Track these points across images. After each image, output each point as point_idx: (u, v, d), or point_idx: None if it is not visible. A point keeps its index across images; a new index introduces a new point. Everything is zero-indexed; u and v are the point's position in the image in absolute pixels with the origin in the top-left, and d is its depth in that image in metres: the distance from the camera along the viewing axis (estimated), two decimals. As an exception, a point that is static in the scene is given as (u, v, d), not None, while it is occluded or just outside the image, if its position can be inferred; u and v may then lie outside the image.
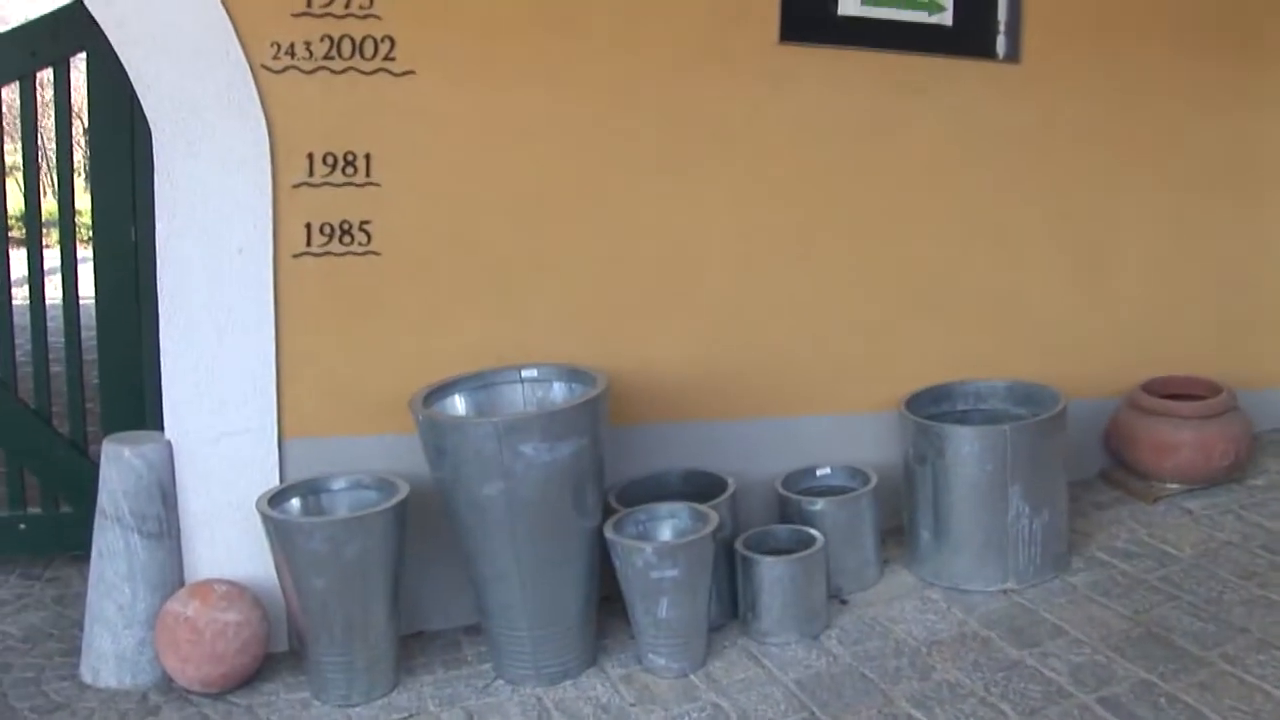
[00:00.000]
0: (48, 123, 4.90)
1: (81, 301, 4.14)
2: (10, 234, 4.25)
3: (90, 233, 4.09)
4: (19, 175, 4.80)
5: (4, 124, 4.16)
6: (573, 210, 3.87)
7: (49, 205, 6.96)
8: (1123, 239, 4.64)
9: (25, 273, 4.13)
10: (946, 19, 4.24)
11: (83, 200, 5.81)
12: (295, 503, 3.55)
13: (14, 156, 7.87)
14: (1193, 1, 4.63)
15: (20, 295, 4.20)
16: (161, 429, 3.65)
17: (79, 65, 4.02)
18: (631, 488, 3.84)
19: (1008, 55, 4.35)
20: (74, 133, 4.23)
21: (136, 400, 4.05)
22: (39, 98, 4.13)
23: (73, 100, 4.14)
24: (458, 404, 3.65)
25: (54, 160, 4.27)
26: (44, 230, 4.28)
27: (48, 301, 4.16)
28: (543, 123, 3.80)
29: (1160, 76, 4.58)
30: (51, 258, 4.24)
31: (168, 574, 3.61)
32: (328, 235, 3.63)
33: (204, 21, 3.45)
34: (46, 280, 4.17)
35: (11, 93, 4.10)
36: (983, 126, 4.35)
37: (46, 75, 4.04)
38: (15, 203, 5.23)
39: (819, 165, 4.13)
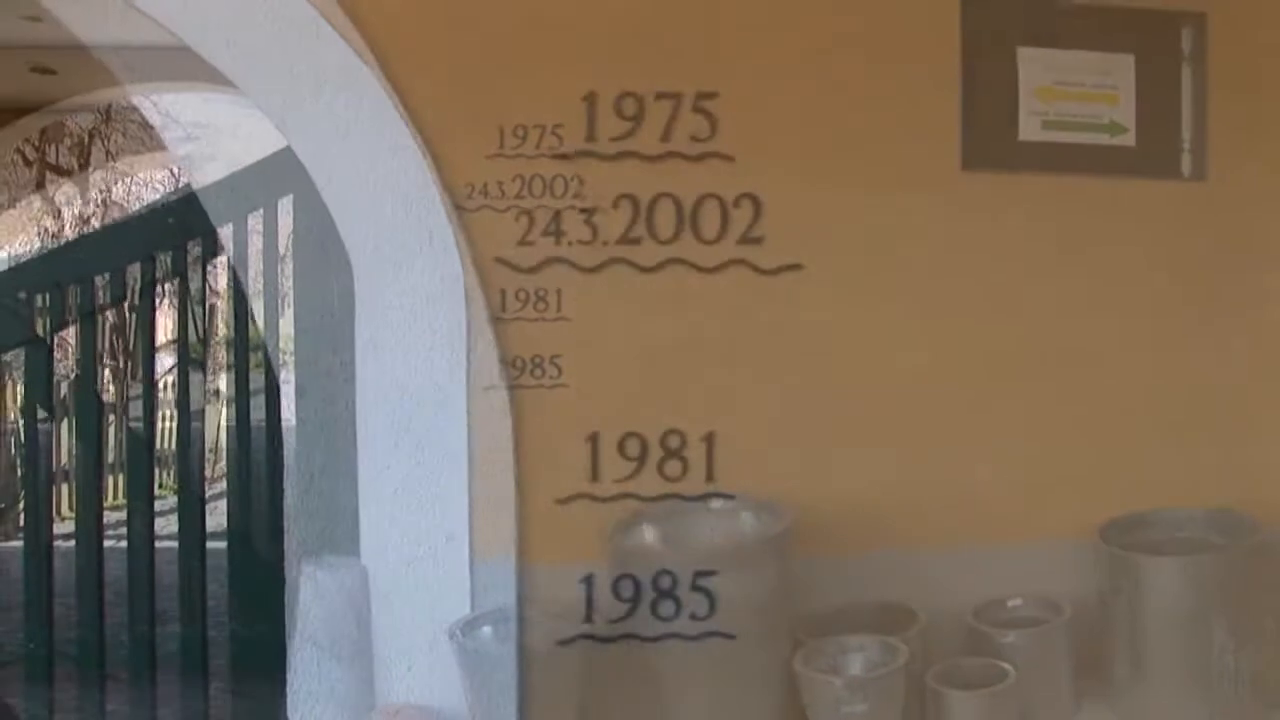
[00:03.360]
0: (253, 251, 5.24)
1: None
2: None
3: (293, 359, 4.29)
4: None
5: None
6: (754, 340, 3.89)
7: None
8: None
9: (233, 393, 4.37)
10: (1129, 140, 4.18)
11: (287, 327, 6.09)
12: (487, 630, 3.61)
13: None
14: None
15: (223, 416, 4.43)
16: (357, 553, 3.77)
17: (286, 206, 4.27)
18: (820, 620, 3.78)
19: (1193, 174, 4.27)
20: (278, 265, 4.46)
21: (332, 523, 4.19)
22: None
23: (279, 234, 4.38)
24: (646, 534, 3.69)
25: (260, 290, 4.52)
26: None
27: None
28: (727, 253, 3.87)
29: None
30: (256, 379, 4.47)
31: (360, 697, 3.69)
32: (519, 369, 3.73)
33: (405, 169, 3.63)
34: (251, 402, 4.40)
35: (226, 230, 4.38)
36: (1170, 246, 4.21)
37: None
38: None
39: (1005, 290, 4.08)
